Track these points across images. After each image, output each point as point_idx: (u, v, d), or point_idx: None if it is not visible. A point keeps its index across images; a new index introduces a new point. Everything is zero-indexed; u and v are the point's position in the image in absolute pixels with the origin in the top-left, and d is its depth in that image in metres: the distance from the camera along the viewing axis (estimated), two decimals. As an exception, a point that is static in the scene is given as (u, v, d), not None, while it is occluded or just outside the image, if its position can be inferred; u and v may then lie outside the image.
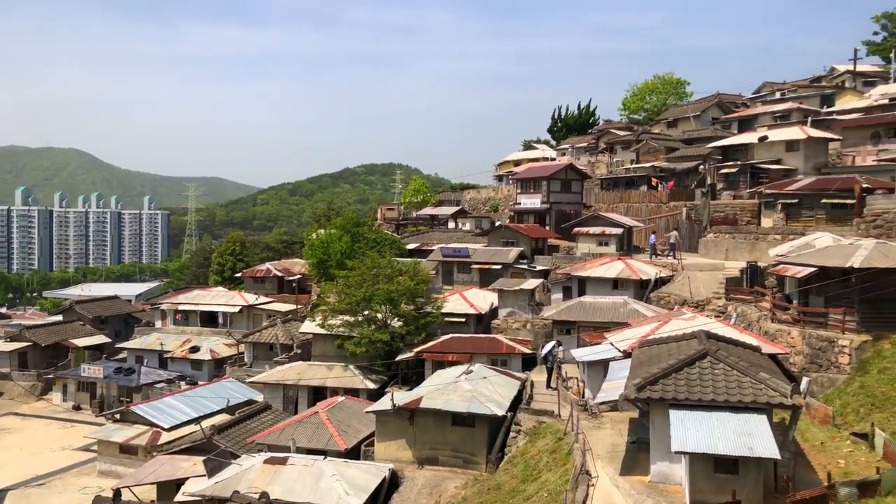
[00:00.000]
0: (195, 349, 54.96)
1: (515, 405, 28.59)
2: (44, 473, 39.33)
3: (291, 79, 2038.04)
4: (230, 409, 39.90)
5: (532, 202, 60.52)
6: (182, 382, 50.45)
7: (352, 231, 57.28)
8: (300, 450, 29.35)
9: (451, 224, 73.16)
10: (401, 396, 29.45)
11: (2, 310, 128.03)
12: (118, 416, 40.64)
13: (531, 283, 44.42)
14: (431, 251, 55.15)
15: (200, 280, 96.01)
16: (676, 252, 43.83)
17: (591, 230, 48.64)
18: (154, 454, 34.68)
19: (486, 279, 48.50)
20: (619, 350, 24.30)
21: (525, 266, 49.54)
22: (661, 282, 40.03)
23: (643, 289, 39.68)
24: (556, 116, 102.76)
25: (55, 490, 37.03)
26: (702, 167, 57.19)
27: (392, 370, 40.58)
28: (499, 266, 49.06)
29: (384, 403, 29.46)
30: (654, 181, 59.08)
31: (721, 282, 37.39)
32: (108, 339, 63.41)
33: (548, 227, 57.91)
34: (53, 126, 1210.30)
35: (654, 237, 46.87)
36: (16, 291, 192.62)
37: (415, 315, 40.68)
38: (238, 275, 71.75)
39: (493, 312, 43.60)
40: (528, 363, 36.96)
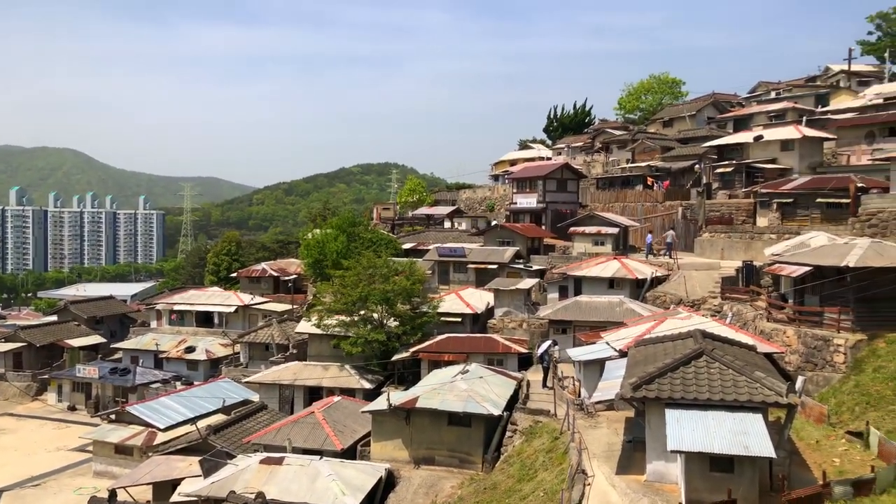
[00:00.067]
0: (191, 349, 54.87)
1: (512, 405, 28.65)
2: (39, 474, 39.21)
3: (288, 79, 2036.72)
4: (226, 410, 39.85)
5: (528, 202, 60.56)
6: (177, 383, 50.38)
7: (348, 231, 57.23)
8: (296, 450, 29.34)
9: (447, 224, 73.07)
10: (397, 396, 29.46)
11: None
12: (113, 417, 40.50)
13: (527, 283, 44.44)
14: (427, 251, 55.11)
15: (196, 280, 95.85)
16: (673, 251, 43.95)
17: (587, 230, 48.72)
18: (150, 454, 34.60)
19: (483, 279, 48.51)
20: (615, 349, 24.34)
21: (521, 266, 49.54)
22: (657, 281, 40.13)
23: (639, 288, 39.77)
24: (552, 116, 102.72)
25: (50, 491, 36.90)
26: (697, 167, 57.25)
27: (388, 370, 40.57)
28: (495, 266, 49.08)
29: (380, 403, 29.46)
30: (650, 181, 59.16)
31: (717, 281, 37.50)
32: (104, 340, 63.30)
33: (544, 227, 57.92)
34: (48, 126, 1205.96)
35: (651, 237, 46.95)
36: (10, 292, 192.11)
37: (411, 315, 40.68)
38: (234, 275, 71.59)
39: (490, 312, 43.61)
40: (525, 363, 37.00)
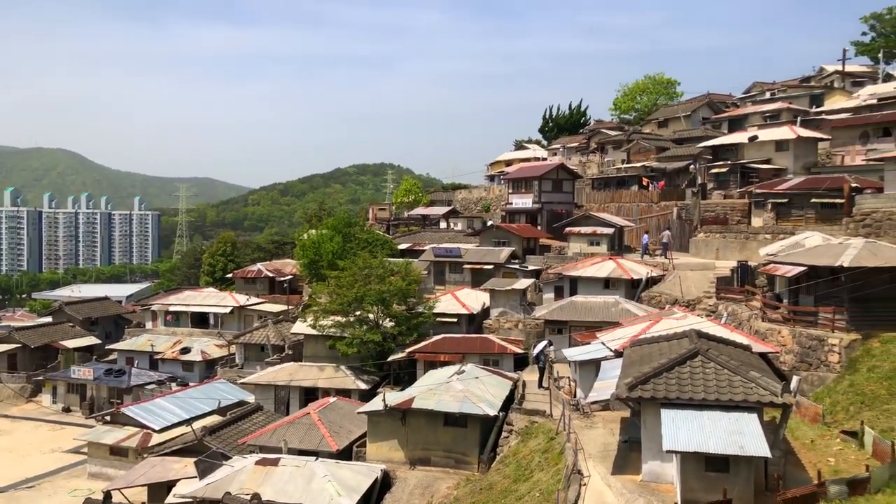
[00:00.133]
0: (186, 350, 54.75)
1: (507, 405, 28.63)
2: (33, 476, 39.05)
3: (284, 79, 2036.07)
4: (221, 411, 39.73)
5: (523, 202, 60.59)
6: (173, 384, 50.21)
7: (343, 231, 57.15)
8: (292, 451, 29.29)
9: (443, 224, 73.08)
10: (393, 397, 29.42)
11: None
12: (108, 418, 40.36)
13: (523, 283, 44.46)
14: (423, 251, 55.11)
15: (191, 281, 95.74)
16: (668, 251, 44.02)
17: (583, 230, 48.75)
18: (145, 456, 34.50)
19: (478, 279, 48.52)
20: (611, 349, 24.35)
21: (517, 266, 49.59)
22: (653, 281, 40.16)
23: (634, 288, 39.82)
24: (548, 116, 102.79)
25: (45, 492, 36.76)
26: (692, 167, 57.37)
27: (384, 371, 40.55)
28: (490, 266, 49.10)
29: (376, 404, 29.44)
30: (645, 181, 59.24)
31: (712, 281, 37.53)
32: (99, 341, 63.13)
33: (539, 227, 57.97)
34: (43, 126, 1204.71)
35: (647, 237, 47.01)
36: (5, 293, 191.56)
37: (406, 315, 40.66)
38: (229, 275, 71.51)
39: (485, 312, 43.61)
40: (520, 363, 37.00)
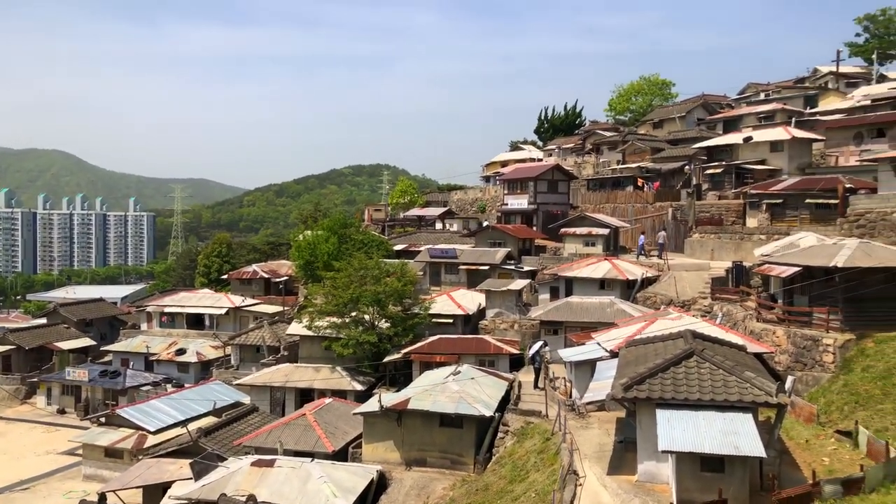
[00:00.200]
0: (181, 351, 54.61)
1: (503, 406, 28.63)
2: (28, 478, 38.86)
3: (279, 80, 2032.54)
4: (217, 412, 39.62)
5: (519, 203, 60.65)
6: (168, 385, 50.06)
7: (339, 232, 57.12)
8: (287, 452, 29.23)
9: (439, 225, 73.15)
10: (388, 398, 29.40)
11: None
12: (103, 420, 40.22)
13: (518, 284, 44.51)
14: (419, 252, 55.11)
15: (186, 282, 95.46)
16: (663, 252, 44.10)
17: (578, 231, 48.82)
18: (140, 457, 34.39)
19: (474, 280, 48.55)
20: (606, 350, 24.36)
21: (512, 267, 49.62)
22: (648, 282, 40.22)
23: (630, 289, 39.86)
24: (543, 117, 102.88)
25: (40, 494, 36.61)
26: (687, 168, 57.47)
27: (380, 372, 40.54)
28: (486, 267, 49.12)
29: (372, 405, 29.41)
30: (641, 182, 59.33)
31: (707, 281, 37.63)
32: (93, 342, 62.84)
33: (535, 228, 58.04)
34: (37, 127, 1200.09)
35: (643, 237, 47.08)
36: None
37: (402, 316, 40.64)
38: (224, 277, 71.29)
39: (481, 313, 43.64)
40: (516, 364, 37.02)
